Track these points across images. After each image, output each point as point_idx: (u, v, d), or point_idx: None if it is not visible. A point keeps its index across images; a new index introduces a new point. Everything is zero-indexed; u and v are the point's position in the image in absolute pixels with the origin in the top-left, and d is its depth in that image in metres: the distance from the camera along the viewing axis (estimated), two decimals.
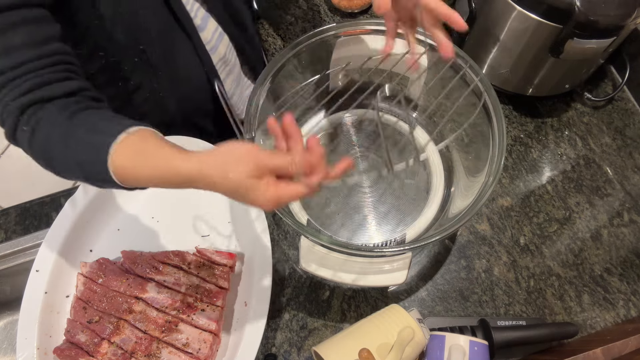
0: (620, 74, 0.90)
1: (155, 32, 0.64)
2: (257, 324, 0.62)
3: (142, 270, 0.66)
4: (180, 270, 0.66)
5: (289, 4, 0.96)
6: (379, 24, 0.70)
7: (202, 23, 0.70)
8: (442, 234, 0.57)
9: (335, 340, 0.59)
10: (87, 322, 0.63)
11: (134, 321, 0.63)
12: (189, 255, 0.67)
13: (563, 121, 0.87)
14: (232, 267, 0.67)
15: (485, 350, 0.60)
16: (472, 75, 0.66)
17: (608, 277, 0.74)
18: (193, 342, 0.61)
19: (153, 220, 0.73)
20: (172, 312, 0.63)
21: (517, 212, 0.78)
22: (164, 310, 0.63)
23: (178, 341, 0.61)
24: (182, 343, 0.61)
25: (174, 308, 0.63)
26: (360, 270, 0.60)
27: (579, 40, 0.69)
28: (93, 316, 0.64)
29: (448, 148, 0.77)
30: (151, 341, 0.61)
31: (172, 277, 0.65)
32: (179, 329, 0.62)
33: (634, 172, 0.83)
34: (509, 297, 0.72)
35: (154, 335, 0.62)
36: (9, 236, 0.75)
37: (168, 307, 0.64)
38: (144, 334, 0.62)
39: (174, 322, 0.63)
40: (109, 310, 0.64)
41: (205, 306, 0.63)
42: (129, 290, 0.65)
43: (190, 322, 0.63)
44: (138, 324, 0.63)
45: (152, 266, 0.66)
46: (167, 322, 0.63)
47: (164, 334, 0.62)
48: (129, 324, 0.63)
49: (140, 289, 0.65)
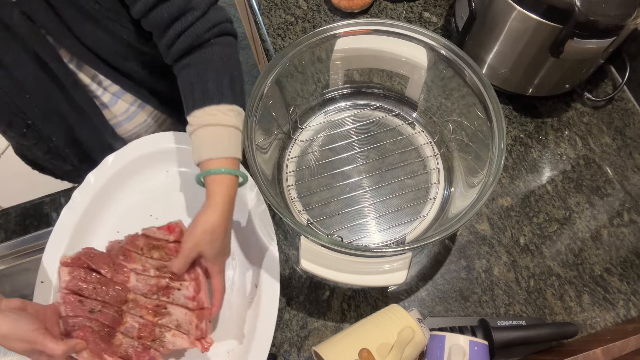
0: (620, 74, 0.90)
1: (47, 110, 0.67)
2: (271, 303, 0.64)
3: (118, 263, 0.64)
4: (142, 256, 0.64)
5: (289, 4, 0.96)
6: (379, 24, 0.70)
7: (110, 101, 0.72)
8: (442, 234, 0.57)
9: (335, 340, 0.59)
10: (89, 312, 0.60)
11: (129, 309, 0.62)
12: (139, 238, 0.65)
13: (563, 121, 0.87)
14: (177, 241, 0.64)
15: (485, 350, 0.60)
16: (472, 75, 0.66)
17: (608, 277, 0.74)
18: (183, 323, 0.60)
19: (152, 218, 0.72)
20: (154, 296, 0.62)
21: (517, 212, 0.78)
22: (149, 297, 0.62)
23: (172, 323, 0.60)
24: (175, 325, 0.60)
25: (154, 292, 0.62)
26: (360, 270, 0.60)
27: (579, 40, 0.69)
28: (94, 306, 0.61)
29: (448, 148, 0.77)
30: (152, 326, 0.60)
31: (139, 264, 0.63)
32: (168, 311, 0.61)
33: (634, 172, 0.83)
34: (509, 297, 0.72)
35: (151, 320, 0.61)
36: (9, 236, 0.75)
37: (148, 292, 0.62)
38: (144, 320, 0.61)
39: (162, 306, 0.61)
40: (109, 300, 0.61)
41: (179, 284, 0.62)
42: (116, 277, 0.63)
43: (174, 302, 0.62)
44: (133, 312, 0.61)
45: (120, 259, 0.64)
46: (156, 306, 0.62)
47: (158, 317, 0.61)
48: (129, 313, 0.62)
49: (124, 278, 0.63)
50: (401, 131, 0.80)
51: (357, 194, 0.74)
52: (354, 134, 0.80)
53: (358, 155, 0.78)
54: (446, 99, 0.77)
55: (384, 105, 0.82)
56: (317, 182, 0.75)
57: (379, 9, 0.96)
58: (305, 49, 0.70)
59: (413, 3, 0.97)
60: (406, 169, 0.76)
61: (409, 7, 0.97)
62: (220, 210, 0.57)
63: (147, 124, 0.80)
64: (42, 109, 0.66)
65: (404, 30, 0.70)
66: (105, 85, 0.70)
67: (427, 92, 0.78)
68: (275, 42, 0.92)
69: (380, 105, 0.82)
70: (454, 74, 0.69)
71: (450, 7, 0.96)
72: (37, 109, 0.66)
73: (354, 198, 0.74)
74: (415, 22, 0.95)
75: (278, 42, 0.92)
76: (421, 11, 0.96)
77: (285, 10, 0.96)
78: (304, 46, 0.69)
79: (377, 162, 0.77)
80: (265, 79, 0.67)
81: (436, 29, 0.95)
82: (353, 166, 0.76)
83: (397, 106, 0.82)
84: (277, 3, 0.96)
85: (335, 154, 0.78)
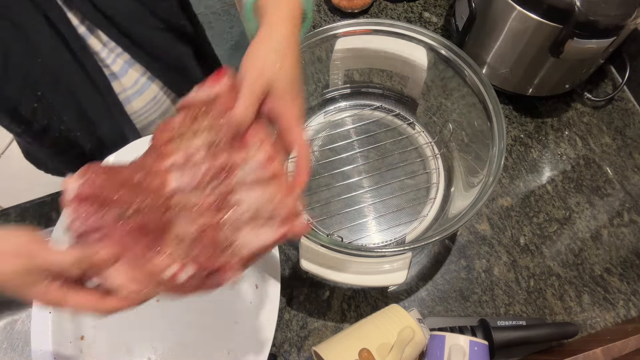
0: (620, 74, 0.90)
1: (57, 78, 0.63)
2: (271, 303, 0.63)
3: (148, 168, 0.45)
4: (182, 139, 0.45)
5: None
6: (379, 24, 0.70)
7: (120, 70, 0.68)
8: (442, 234, 0.57)
9: (335, 340, 0.59)
10: (118, 219, 0.41)
11: (176, 215, 0.43)
12: (172, 119, 0.46)
13: (563, 121, 0.87)
14: (231, 86, 0.45)
15: (485, 350, 0.60)
16: (472, 75, 0.66)
17: (608, 277, 0.74)
18: (261, 207, 0.43)
19: None
20: (208, 188, 0.44)
21: (517, 212, 0.78)
22: (203, 191, 0.44)
23: (244, 214, 0.43)
24: (250, 215, 0.43)
25: (208, 182, 0.44)
26: (360, 270, 0.60)
27: (579, 40, 0.69)
28: (123, 211, 0.42)
29: (448, 148, 0.77)
30: (215, 230, 0.43)
31: (179, 153, 0.45)
32: (236, 199, 0.43)
33: (634, 172, 0.83)
34: (509, 297, 0.72)
35: (211, 222, 0.43)
36: None
37: (200, 185, 0.44)
38: (201, 224, 0.43)
39: (223, 196, 0.44)
40: (143, 207, 0.43)
41: (243, 155, 0.44)
42: (148, 184, 0.44)
43: (241, 184, 0.44)
44: (183, 218, 0.43)
45: (150, 162, 0.45)
46: (216, 200, 0.44)
47: (222, 214, 0.43)
48: (176, 221, 0.43)
49: (160, 183, 0.44)
50: (401, 131, 0.80)
51: (357, 194, 0.74)
52: (354, 134, 0.80)
53: (358, 155, 0.78)
54: (446, 99, 0.77)
55: (384, 105, 0.82)
56: (317, 182, 0.75)
57: (379, 9, 0.96)
58: (305, 49, 0.70)
59: (413, 3, 0.97)
60: (406, 169, 0.77)
61: (409, 7, 0.97)
62: (285, 25, 0.44)
63: (156, 103, 0.76)
64: (53, 77, 0.63)
65: (404, 30, 0.70)
66: (117, 53, 0.67)
67: (427, 92, 0.78)
68: None
69: (380, 105, 0.82)
70: (454, 74, 0.69)
71: (450, 7, 0.96)
72: (48, 77, 0.63)
73: (354, 198, 0.74)
74: (415, 22, 0.95)
75: None
76: (421, 11, 0.96)
77: None
78: (304, 46, 0.69)
79: (377, 162, 0.77)
80: None
81: (436, 29, 0.95)
82: (353, 166, 0.77)
83: (397, 106, 0.82)
84: None
85: (335, 154, 0.78)
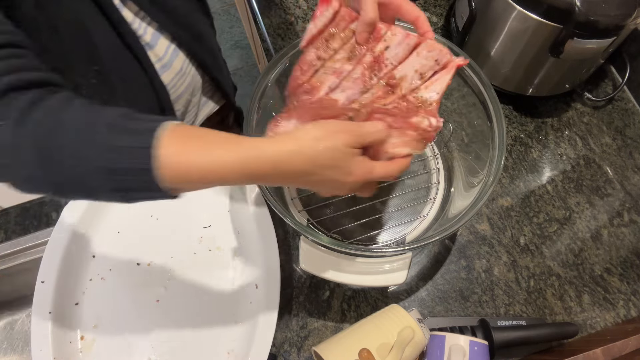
0: (620, 74, 0.90)
1: (104, 50, 0.60)
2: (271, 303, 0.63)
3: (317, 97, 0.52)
4: (324, 62, 0.52)
5: (289, 4, 0.96)
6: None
7: (152, 40, 0.67)
8: (442, 234, 0.57)
9: (335, 340, 0.59)
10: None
11: (364, 112, 0.50)
12: (305, 53, 0.53)
13: (563, 121, 0.87)
14: (340, 2, 0.51)
15: (485, 350, 0.60)
16: (472, 75, 0.66)
17: (608, 277, 0.74)
18: (423, 66, 0.50)
19: (152, 219, 0.73)
20: (373, 82, 0.51)
21: (517, 212, 0.78)
22: (371, 87, 0.51)
23: (414, 79, 0.51)
24: (419, 76, 0.51)
25: (369, 77, 0.51)
26: (360, 270, 0.60)
27: (579, 40, 0.69)
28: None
29: (448, 148, 0.77)
30: (402, 100, 0.51)
31: (329, 76, 0.52)
32: (400, 75, 0.51)
33: (634, 172, 0.83)
34: (509, 297, 0.72)
35: (396, 98, 0.51)
36: (9, 236, 0.75)
37: (365, 85, 0.51)
38: (392, 105, 0.51)
39: (389, 80, 0.51)
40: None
41: (383, 42, 0.51)
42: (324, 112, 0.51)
43: (395, 63, 0.51)
44: (378, 115, 0.50)
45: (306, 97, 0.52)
46: (385, 86, 0.51)
47: (396, 90, 0.51)
48: (372, 117, 0.50)
49: (333, 101, 0.51)
50: None
51: (357, 194, 0.74)
52: None
53: None
54: (446, 99, 0.77)
55: None
56: None
57: None
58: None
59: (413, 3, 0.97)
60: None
61: None
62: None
63: (181, 76, 0.74)
64: (101, 51, 0.60)
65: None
66: (147, 22, 0.65)
67: None
68: (275, 42, 0.92)
69: None
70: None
71: (450, 7, 0.96)
72: (98, 51, 0.59)
73: (354, 198, 0.74)
74: None
75: (278, 42, 0.92)
76: None
77: (285, 10, 0.96)
78: None
79: None
80: (265, 79, 0.67)
81: (436, 29, 0.95)
82: None
83: None
84: (277, 3, 0.96)
85: None
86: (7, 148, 0.36)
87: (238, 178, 0.38)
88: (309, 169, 0.40)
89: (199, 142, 0.37)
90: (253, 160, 0.37)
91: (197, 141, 0.37)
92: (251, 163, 0.37)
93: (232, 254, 0.71)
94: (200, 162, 0.36)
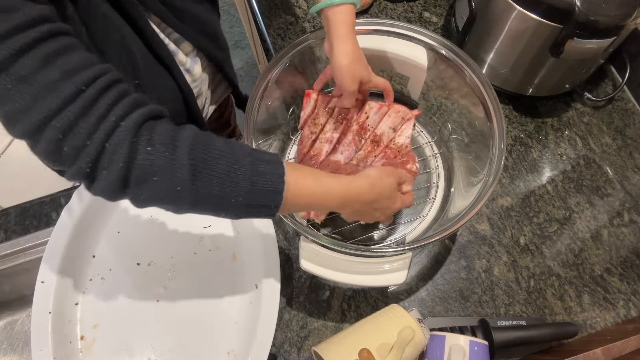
0: (620, 74, 0.90)
1: (142, 65, 0.63)
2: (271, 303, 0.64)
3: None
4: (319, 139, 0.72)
5: (289, 4, 0.96)
6: (379, 24, 0.70)
7: (175, 49, 0.69)
8: (442, 234, 0.57)
9: (335, 340, 0.59)
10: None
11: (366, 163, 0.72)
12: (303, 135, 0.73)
13: (563, 121, 0.87)
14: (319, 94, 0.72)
15: (485, 350, 0.60)
16: (472, 75, 0.66)
17: (608, 277, 0.74)
18: (394, 124, 0.71)
19: (152, 219, 0.73)
20: (362, 142, 0.72)
21: (517, 212, 0.78)
22: (361, 147, 0.72)
23: (389, 131, 0.72)
24: (391, 130, 0.72)
25: (360, 139, 0.72)
26: (360, 270, 0.60)
27: (579, 40, 0.69)
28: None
29: (448, 148, 0.77)
30: (389, 151, 0.71)
31: (325, 144, 0.72)
32: (379, 135, 0.72)
33: (634, 172, 0.83)
34: (509, 297, 0.72)
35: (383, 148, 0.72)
36: (9, 236, 0.75)
37: (358, 145, 0.72)
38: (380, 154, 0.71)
39: (372, 138, 0.72)
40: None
41: (364, 114, 0.72)
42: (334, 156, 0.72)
43: (376, 127, 0.72)
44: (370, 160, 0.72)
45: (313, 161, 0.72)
46: (371, 143, 0.72)
47: (379, 144, 0.72)
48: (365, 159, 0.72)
49: (336, 161, 0.72)
50: None
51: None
52: None
53: None
54: (446, 99, 0.77)
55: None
56: None
57: (379, 9, 0.96)
58: (305, 49, 0.70)
59: (413, 3, 0.97)
60: None
61: (409, 7, 0.97)
62: (351, 39, 0.60)
63: (201, 82, 0.77)
64: (137, 63, 0.62)
65: (404, 30, 0.70)
66: (168, 33, 0.67)
67: (427, 92, 0.78)
68: (275, 42, 0.92)
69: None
70: (454, 74, 0.69)
71: (450, 7, 0.96)
72: (134, 63, 0.62)
73: None
74: (415, 22, 0.95)
75: (278, 42, 0.92)
76: (421, 11, 0.96)
77: (285, 10, 0.96)
78: (304, 46, 0.69)
79: None
80: (265, 79, 0.67)
81: (436, 29, 0.95)
82: None
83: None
84: (277, 3, 0.96)
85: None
86: (167, 169, 0.42)
87: (335, 201, 0.50)
88: (376, 198, 0.54)
89: (309, 173, 0.49)
90: (341, 194, 0.50)
91: (306, 172, 0.49)
92: (351, 189, 0.51)
93: (232, 254, 0.71)
94: (312, 186, 0.48)
